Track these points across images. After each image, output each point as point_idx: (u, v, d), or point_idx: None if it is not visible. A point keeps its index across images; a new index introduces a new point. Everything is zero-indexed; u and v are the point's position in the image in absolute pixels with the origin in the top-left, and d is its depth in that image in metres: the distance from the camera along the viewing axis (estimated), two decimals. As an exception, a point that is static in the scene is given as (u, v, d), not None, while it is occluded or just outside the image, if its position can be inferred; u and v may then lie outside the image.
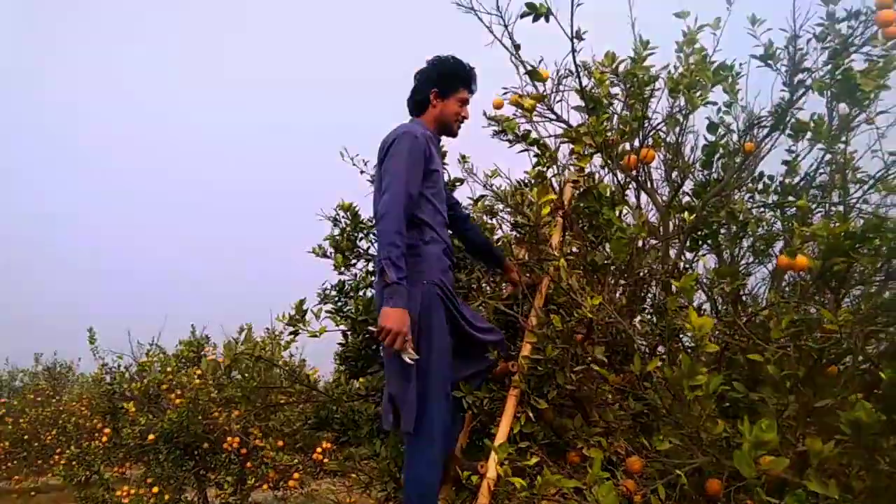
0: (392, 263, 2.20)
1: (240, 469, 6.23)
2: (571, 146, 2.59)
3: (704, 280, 2.97)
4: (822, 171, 2.93)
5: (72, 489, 6.97)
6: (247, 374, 2.99)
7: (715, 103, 2.89)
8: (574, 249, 2.50)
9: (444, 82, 2.58)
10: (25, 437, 9.32)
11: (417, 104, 2.63)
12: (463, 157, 3.46)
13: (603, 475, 1.87)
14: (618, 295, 2.81)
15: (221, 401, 6.03)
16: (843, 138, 2.76)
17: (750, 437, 1.55)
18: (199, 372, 6.56)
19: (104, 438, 6.72)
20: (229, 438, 6.07)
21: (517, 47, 2.79)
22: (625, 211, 2.88)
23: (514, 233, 2.73)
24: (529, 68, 2.82)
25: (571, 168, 2.76)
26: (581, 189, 2.61)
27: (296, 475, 6.30)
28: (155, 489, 6.23)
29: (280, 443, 6.02)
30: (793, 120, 2.81)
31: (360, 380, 3.00)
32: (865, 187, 2.79)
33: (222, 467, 6.27)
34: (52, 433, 9.13)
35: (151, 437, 6.17)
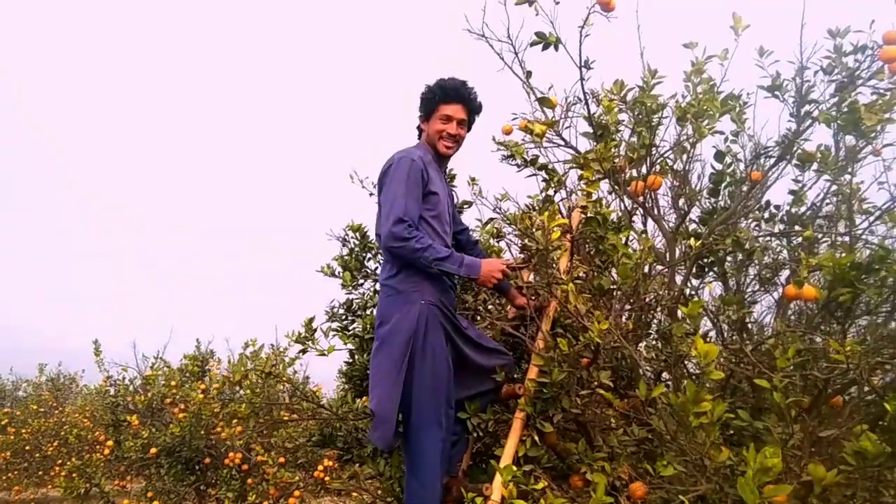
0: (441, 260, 2.33)
1: (241, 485, 6.21)
2: (580, 172, 2.62)
3: (710, 307, 2.98)
4: (828, 201, 2.95)
5: (72, 501, 6.96)
6: (256, 391, 3.00)
7: (722, 133, 2.93)
8: (581, 274, 2.52)
9: (423, 106, 2.64)
10: (27, 447, 9.32)
11: (418, 135, 2.73)
12: (472, 179, 3.50)
13: (606, 500, 1.88)
14: (623, 320, 2.82)
15: (224, 416, 6.03)
16: (850, 169, 2.79)
17: (754, 464, 1.56)
18: (202, 386, 6.57)
19: (106, 451, 6.72)
20: (231, 454, 6.06)
21: (528, 74, 2.83)
22: (631, 236, 2.90)
23: (522, 255, 2.75)
24: (539, 95, 2.86)
25: (579, 193, 2.80)
26: (588, 214, 2.63)
27: (297, 493, 6.27)
28: (155, 503, 6.22)
29: (281, 459, 6.01)
30: (799, 150, 2.84)
31: (366, 399, 3.01)
32: (872, 218, 2.81)
33: (223, 483, 6.25)
34: (53, 444, 9.13)
35: (153, 450, 6.17)
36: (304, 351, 2.93)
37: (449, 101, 2.57)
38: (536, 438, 2.32)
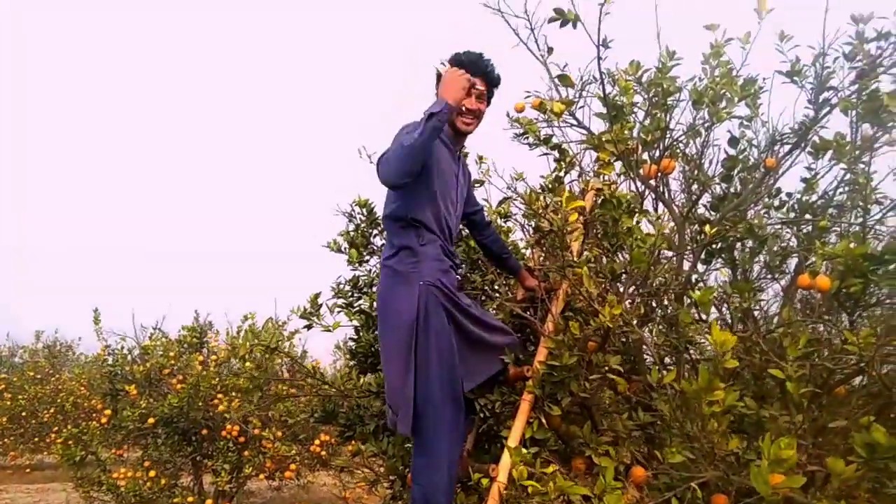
0: (419, 132, 2.14)
1: (237, 457, 6.24)
2: (595, 153, 2.58)
3: (716, 295, 2.95)
4: (840, 190, 2.92)
5: (68, 469, 6.98)
6: (258, 365, 2.99)
7: (740, 118, 2.89)
8: (593, 257, 2.50)
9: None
10: (23, 413, 9.35)
11: None
12: (480, 158, 3.46)
13: (615, 484, 1.88)
14: (628, 304, 2.80)
15: (222, 389, 6.04)
16: (865, 159, 2.76)
17: (769, 454, 1.55)
18: (201, 358, 6.58)
19: (104, 419, 6.74)
20: (228, 426, 6.09)
21: (550, 51, 2.78)
22: (641, 220, 2.87)
23: (533, 236, 2.73)
24: (557, 73, 2.81)
25: (592, 175, 2.77)
26: (603, 196, 2.61)
27: (293, 466, 6.31)
28: (152, 473, 6.25)
29: (279, 433, 6.04)
30: (815, 138, 2.80)
31: (370, 376, 3.01)
32: (884, 210, 2.78)
33: (220, 454, 6.28)
34: (50, 411, 9.17)
35: (151, 420, 6.18)
36: (309, 326, 2.92)
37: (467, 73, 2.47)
38: (544, 421, 2.32)
